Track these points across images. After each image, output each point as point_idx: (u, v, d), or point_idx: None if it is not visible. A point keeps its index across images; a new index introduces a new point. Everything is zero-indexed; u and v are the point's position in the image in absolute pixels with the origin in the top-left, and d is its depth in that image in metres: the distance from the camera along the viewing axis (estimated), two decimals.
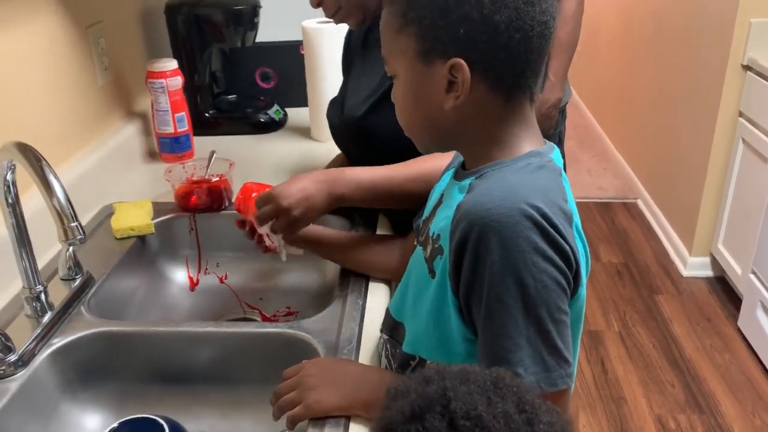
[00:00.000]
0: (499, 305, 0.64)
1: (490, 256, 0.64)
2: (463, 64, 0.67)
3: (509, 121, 0.72)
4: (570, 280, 0.66)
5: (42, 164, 0.78)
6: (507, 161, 0.71)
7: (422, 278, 0.75)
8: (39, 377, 0.91)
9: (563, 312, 0.66)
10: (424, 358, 0.76)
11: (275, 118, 1.73)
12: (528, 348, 0.64)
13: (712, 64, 2.51)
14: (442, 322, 0.72)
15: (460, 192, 0.73)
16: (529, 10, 0.66)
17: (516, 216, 0.63)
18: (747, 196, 2.40)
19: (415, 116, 0.75)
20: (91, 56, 1.37)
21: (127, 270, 1.17)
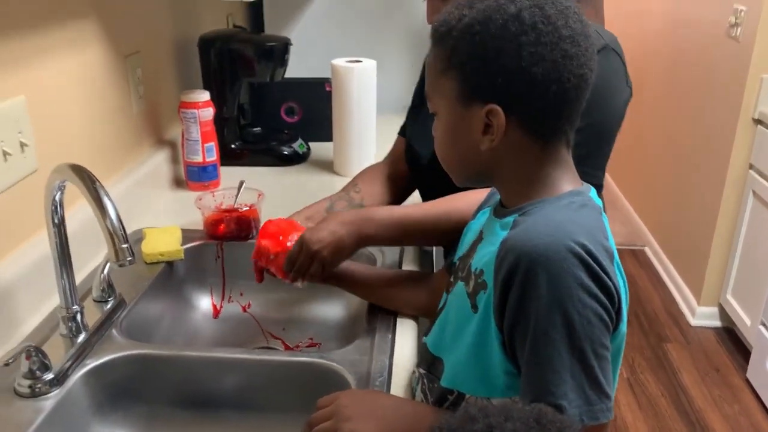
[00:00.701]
0: (545, 339, 0.66)
1: (537, 291, 0.66)
2: (498, 111, 0.71)
3: (546, 163, 0.75)
4: (612, 316, 0.68)
5: (96, 186, 0.80)
6: (550, 199, 0.74)
7: (464, 313, 0.76)
8: (72, 397, 0.91)
9: (605, 347, 0.68)
10: (462, 393, 0.77)
11: (299, 152, 1.76)
12: (572, 382, 0.66)
13: (723, 117, 2.56)
14: (484, 357, 0.73)
15: (502, 229, 0.75)
16: (567, 64, 0.70)
17: (563, 252, 0.65)
18: (757, 247, 2.42)
19: (452, 153, 0.79)
20: (128, 84, 1.40)
21: (155, 295, 1.19)
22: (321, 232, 1.03)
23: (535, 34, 0.69)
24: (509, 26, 0.69)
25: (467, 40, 0.71)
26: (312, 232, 1.03)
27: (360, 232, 1.03)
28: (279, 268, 1.09)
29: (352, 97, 1.59)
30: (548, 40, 0.69)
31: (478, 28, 0.70)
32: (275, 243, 1.10)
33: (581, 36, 0.71)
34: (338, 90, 1.60)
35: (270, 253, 1.10)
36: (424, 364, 0.85)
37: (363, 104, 1.60)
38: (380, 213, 1.06)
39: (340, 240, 1.02)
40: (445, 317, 0.83)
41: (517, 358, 0.70)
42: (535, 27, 0.69)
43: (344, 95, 1.59)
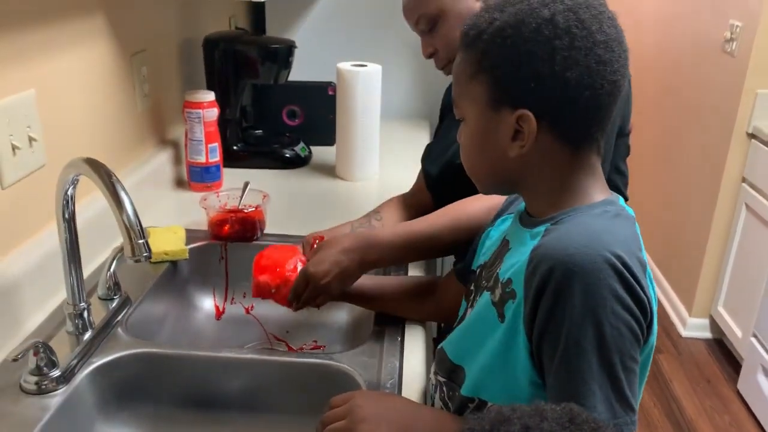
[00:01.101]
0: (576, 350, 0.65)
1: (571, 300, 0.64)
2: (530, 116, 0.70)
3: (577, 170, 0.74)
4: (644, 329, 0.67)
5: (113, 180, 0.80)
6: (582, 207, 0.73)
7: (489, 322, 0.75)
8: (79, 395, 0.90)
9: (635, 360, 0.67)
10: (484, 401, 0.76)
11: (301, 155, 1.76)
12: (600, 394, 0.65)
13: (717, 131, 2.59)
14: (509, 366, 0.72)
15: (533, 239, 0.73)
16: (601, 70, 0.69)
17: (599, 263, 0.64)
18: (748, 259, 2.45)
19: (479, 160, 0.78)
20: (133, 82, 1.40)
21: (159, 294, 1.18)
22: (324, 264, 1.01)
23: (569, 39, 0.68)
24: (543, 30, 0.68)
25: (499, 43, 0.70)
26: (315, 264, 1.01)
27: (364, 259, 1.02)
28: (283, 299, 1.07)
29: (356, 101, 1.59)
30: (582, 44, 0.68)
31: (510, 32, 0.69)
32: (273, 276, 1.07)
33: (615, 42, 0.70)
34: (343, 93, 1.60)
35: (271, 287, 1.07)
36: (444, 372, 0.83)
37: (367, 109, 1.60)
38: (383, 235, 1.04)
39: (345, 270, 1.01)
40: (467, 326, 0.82)
41: (543, 368, 0.69)
42: (569, 31, 0.68)
43: (349, 99, 1.59)
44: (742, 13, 2.46)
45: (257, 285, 1.07)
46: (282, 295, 1.06)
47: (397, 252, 1.03)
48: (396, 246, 1.02)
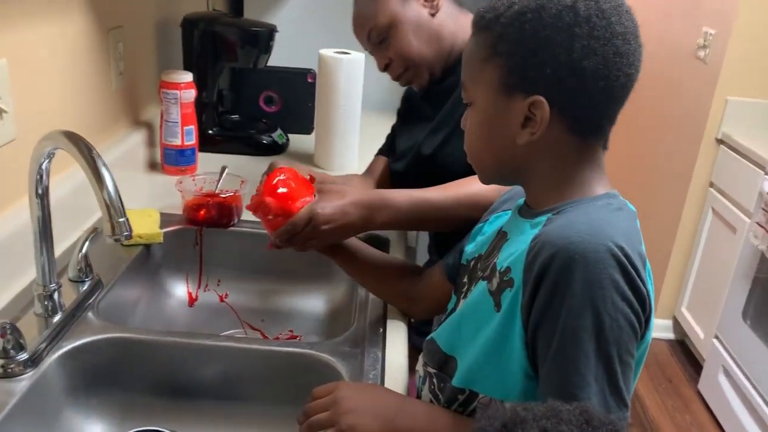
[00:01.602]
0: (574, 339, 0.64)
1: (571, 289, 0.63)
2: (543, 103, 0.69)
3: (582, 162, 0.73)
4: (642, 324, 0.67)
5: (94, 155, 0.76)
6: (585, 200, 0.72)
7: (485, 312, 0.74)
8: (47, 380, 0.86)
9: (631, 355, 0.66)
10: (474, 392, 0.75)
11: (278, 142, 1.72)
12: (595, 386, 0.64)
13: (687, 136, 2.63)
14: (504, 357, 0.71)
15: (533, 228, 0.73)
16: (617, 61, 0.68)
17: (602, 252, 0.63)
18: (713, 263, 2.50)
19: (485, 146, 0.76)
20: (109, 59, 1.35)
21: (132, 278, 1.14)
22: (333, 210, 0.97)
23: (588, 27, 0.67)
24: (563, 16, 0.67)
25: (517, 27, 0.69)
26: (324, 207, 0.97)
27: (373, 217, 0.99)
28: (273, 228, 0.99)
29: (338, 88, 1.56)
30: (601, 34, 0.67)
31: (529, 16, 0.68)
32: (281, 207, 0.97)
33: (632, 35, 0.69)
34: (324, 81, 1.57)
35: (271, 213, 0.98)
36: (434, 363, 0.82)
37: (349, 97, 1.57)
38: (398, 198, 1.01)
39: (351, 223, 0.98)
40: (461, 315, 0.80)
41: (537, 358, 0.68)
42: (589, 20, 0.67)
43: (330, 86, 1.56)
44: (715, 20, 2.50)
45: (260, 203, 0.98)
46: (275, 225, 0.98)
47: (407, 217, 1.01)
48: (408, 210, 1.00)
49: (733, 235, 2.33)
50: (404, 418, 0.76)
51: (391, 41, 1.17)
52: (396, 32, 1.16)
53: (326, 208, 0.97)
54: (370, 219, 0.99)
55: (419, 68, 1.19)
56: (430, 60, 1.18)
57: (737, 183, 2.35)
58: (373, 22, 1.17)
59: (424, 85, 1.22)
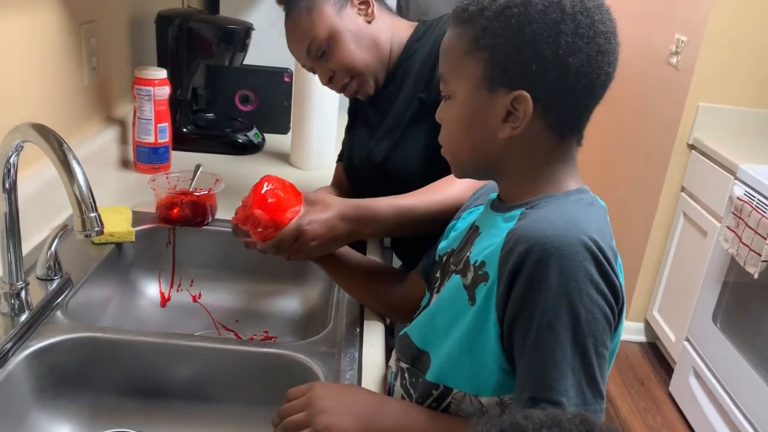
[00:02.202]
0: (550, 332, 0.64)
1: (546, 282, 0.64)
2: (528, 98, 0.69)
3: (557, 158, 0.74)
4: (615, 316, 0.67)
5: (64, 148, 0.74)
6: (557, 195, 0.73)
7: (459, 306, 0.74)
8: (12, 380, 0.84)
9: (605, 347, 0.67)
10: (449, 387, 0.74)
11: (254, 141, 1.71)
12: (572, 378, 0.64)
13: (659, 141, 2.67)
14: (477, 351, 0.71)
15: (506, 221, 0.73)
16: (600, 59, 0.69)
17: (576, 246, 0.64)
18: (684, 266, 2.53)
19: (463, 139, 0.76)
20: (81, 54, 1.32)
21: (103, 277, 1.11)
22: (320, 226, 0.96)
23: (574, 25, 0.68)
24: (550, 12, 0.68)
25: (502, 21, 0.69)
26: (311, 222, 0.95)
27: (358, 230, 0.98)
28: (262, 239, 0.97)
29: (314, 88, 1.55)
30: (585, 32, 0.68)
31: (515, 11, 0.68)
32: (271, 219, 0.94)
33: (612, 34, 0.71)
34: (301, 80, 1.56)
35: (259, 227, 0.95)
36: (406, 359, 0.81)
37: (326, 97, 1.56)
38: (381, 208, 0.99)
39: (337, 237, 0.97)
40: (435, 310, 0.80)
41: (513, 352, 0.68)
42: (575, 17, 0.68)
43: (307, 85, 1.55)
44: (687, 27, 2.54)
45: (250, 216, 0.95)
46: (264, 236, 0.96)
47: (390, 226, 1.00)
48: (391, 220, 0.99)
49: (704, 239, 2.37)
50: (381, 416, 0.76)
51: (332, 53, 1.15)
52: (336, 43, 1.14)
53: (313, 223, 0.96)
54: (357, 231, 0.98)
55: (364, 77, 1.17)
56: (374, 67, 1.18)
57: (708, 188, 2.39)
58: (311, 36, 1.14)
59: (370, 94, 1.21)
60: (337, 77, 1.18)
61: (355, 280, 1.04)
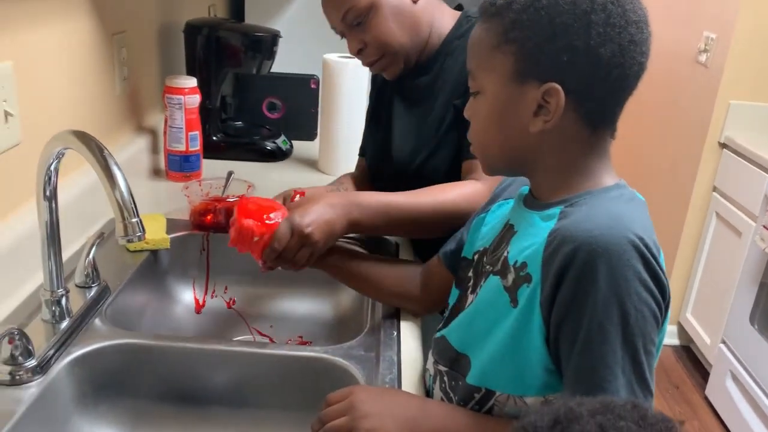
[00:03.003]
0: (600, 333, 0.63)
1: (596, 283, 0.63)
2: (559, 90, 0.68)
3: (591, 152, 0.73)
4: (662, 313, 0.66)
5: (105, 155, 0.74)
6: (597, 191, 0.71)
7: (499, 308, 0.73)
8: (55, 387, 0.84)
9: (653, 344, 0.66)
10: (491, 390, 0.73)
11: (282, 148, 1.71)
12: (622, 378, 0.63)
13: (689, 141, 2.63)
14: (521, 353, 0.70)
15: (544, 220, 0.72)
16: (632, 49, 0.68)
17: (624, 244, 0.63)
18: (718, 267, 2.48)
19: (494, 135, 0.75)
20: (113, 64, 1.33)
21: (139, 284, 1.12)
22: (310, 214, 0.95)
23: (605, 15, 0.67)
24: (580, 3, 0.67)
25: (532, 13, 0.68)
26: (301, 215, 0.95)
27: (349, 215, 0.98)
28: (260, 252, 0.97)
29: (342, 93, 1.55)
30: (617, 22, 0.67)
31: (544, 2, 0.67)
32: (260, 224, 0.96)
33: (644, 23, 0.69)
34: (329, 86, 1.56)
35: (254, 235, 0.96)
36: (445, 362, 0.80)
37: (353, 102, 1.56)
38: (366, 197, 1.01)
39: (330, 223, 0.96)
40: (474, 313, 0.79)
41: (559, 353, 0.67)
42: (605, 7, 0.67)
43: (335, 92, 1.55)
44: (716, 24, 2.51)
45: (240, 229, 0.96)
46: (261, 246, 0.96)
47: (379, 217, 1.00)
48: (376, 211, 0.99)
49: (738, 239, 2.32)
50: (424, 419, 0.75)
51: (369, 25, 1.10)
52: (375, 16, 1.09)
53: (304, 216, 0.96)
54: (346, 218, 0.98)
55: (396, 56, 1.13)
56: (407, 49, 1.13)
57: (741, 187, 2.34)
58: (351, 3, 1.08)
59: (396, 74, 1.17)
60: (368, 51, 1.14)
61: (373, 282, 1.02)
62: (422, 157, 1.15)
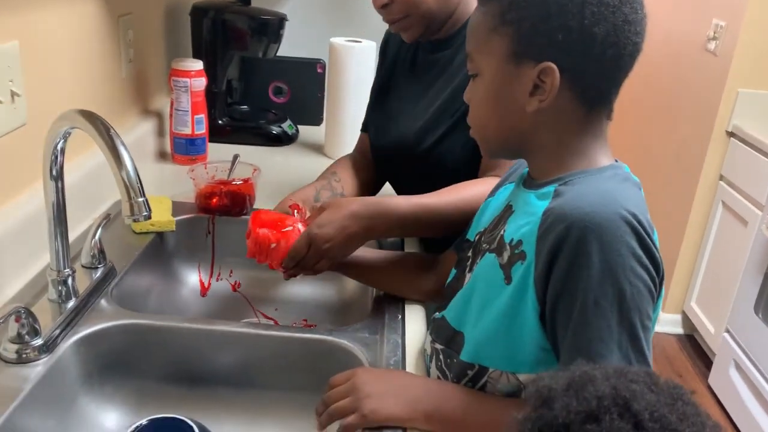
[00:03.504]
0: (596, 309, 0.64)
1: (589, 259, 0.64)
2: (554, 69, 0.69)
3: (587, 132, 0.73)
4: (657, 288, 0.67)
5: (112, 134, 0.74)
6: (592, 170, 0.72)
7: (494, 285, 0.74)
8: (62, 366, 0.84)
9: (649, 319, 0.67)
10: (484, 366, 0.74)
11: (288, 132, 1.71)
12: (619, 353, 0.64)
13: (697, 129, 2.61)
14: (514, 330, 0.71)
15: (539, 199, 0.73)
16: (626, 29, 0.68)
17: (616, 221, 0.64)
18: (723, 256, 2.48)
19: (492, 116, 0.75)
20: (119, 46, 1.33)
21: (144, 266, 1.12)
22: (329, 227, 0.94)
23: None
24: None
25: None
26: (319, 226, 0.94)
27: (371, 227, 0.96)
28: (278, 259, 0.99)
29: (349, 78, 1.54)
30: (611, 2, 0.68)
31: None
32: (276, 232, 0.98)
33: (639, 3, 0.70)
34: (335, 70, 1.55)
35: (271, 242, 0.98)
36: (442, 340, 0.81)
37: (360, 87, 1.55)
38: (395, 205, 0.98)
39: (352, 236, 0.95)
40: (468, 291, 0.80)
41: (554, 331, 0.68)
42: None
43: (342, 76, 1.55)
44: (725, 12, 2.48)
45: (256, 239, 0.98)
46: (279, 254, 0.97)
47: (405, 224, 0.98)
48: (405, 217, 0.97)
49: (744, 228, 2.31)
50: (427, 398, 0.76)
51: None
52: None
53: (324, 227, 0.94)
54: (369, 229, 0.96)
55: (421, 19, 1.09)
56: (434, 14, 1.10)
57: (748, 176, 2.33)
58: None
59: (415, 38, 1.13)
60: (393, 8, 1.09)
61: (386, 277, 1.03)
62: (433, 139, 1.13)
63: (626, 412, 0.42)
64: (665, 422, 0.42)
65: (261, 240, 0.99)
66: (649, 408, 0.42)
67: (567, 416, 0.43)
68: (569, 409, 0.43)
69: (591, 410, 0.43)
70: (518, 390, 0.73)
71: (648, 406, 0.43)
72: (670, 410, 0.43)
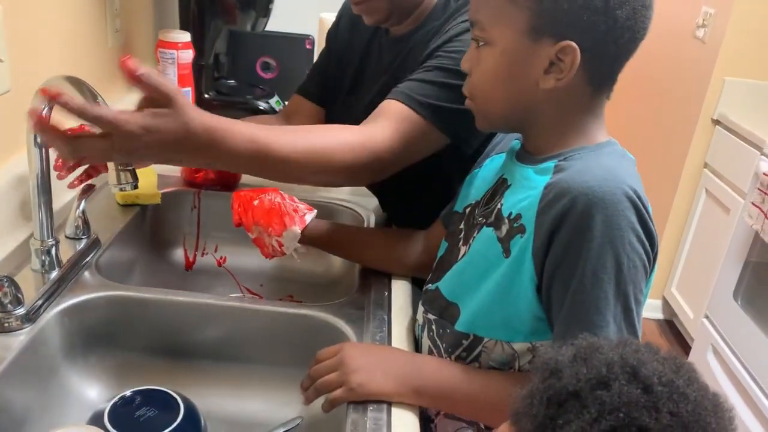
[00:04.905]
0: (594, 280, 0.65)
1: (591, 232, 0.65)
2: (576, 49, 0.68)
3: (589, 111, 0.74)
4: (651, 263, 0.69)
5: (98, 101, 0.73)
6: (591, 147, 0.73)
7: (492, 258, 0.74)
8: (44, 336, 0.84)
9: (642, 293, 0.68)
10: (479, 336, 0.75)
11: (275, 108, 1.69)
12: (613, 325, 0.66)
13: (683, 116, 2.63)
14: (510, 301, 0.72)
15: (539, 174, 0.73)
16: (643, 14, 0.69)
17: (619, 195, 0.65)
18: (705, 243, 2.51)
19: (499, 89, 0.74)
20: (105, 15, 1.30)
21: (129, 238, 1.11)
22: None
23: None
24: None
25: None
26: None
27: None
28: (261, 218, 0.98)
29: None
30: None
31: None
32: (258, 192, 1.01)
33: None
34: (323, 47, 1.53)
35: (254, 199, 0.99)
36: (435, 311, 0.82)
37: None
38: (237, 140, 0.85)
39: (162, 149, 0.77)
40: (466, 263, 0.80)
41: (550, 302, 0.69)
42: None
43: None
44: (714, 0, 2.49)
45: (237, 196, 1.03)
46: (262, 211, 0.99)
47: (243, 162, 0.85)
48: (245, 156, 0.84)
49: (727, 216, 2.34)
50: (414, 373, 0.76)
51: None
52: None
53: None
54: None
55: (387, 3, 1.03)
56: (398, 3, 1.03)
57: (732, 164, 2.35)
58: None
59: (374, 23, 1.08)
60: None
61: (370, 253, 1.02)
62: None
63: (635, 377, 0.43)
64: (673, 387, 0.43)
65: (243, 197, 1.02)
66: (657, 373, 0.43)
67: (576, 384, 0.44)
68: (578, 377, 0.44)
69: (601, 376, 0.43)
70: (512, 359, 0.74)
71: (655, 371, 0.43)
72: (677, 376, 0.44)
